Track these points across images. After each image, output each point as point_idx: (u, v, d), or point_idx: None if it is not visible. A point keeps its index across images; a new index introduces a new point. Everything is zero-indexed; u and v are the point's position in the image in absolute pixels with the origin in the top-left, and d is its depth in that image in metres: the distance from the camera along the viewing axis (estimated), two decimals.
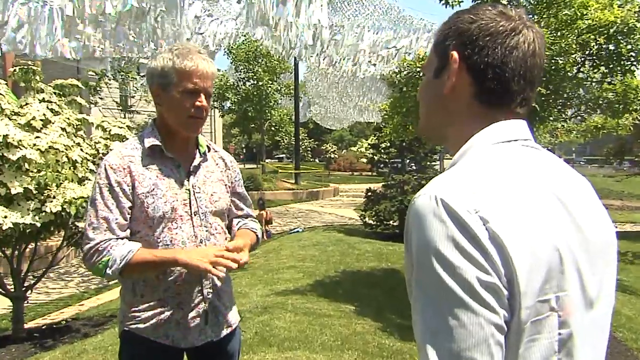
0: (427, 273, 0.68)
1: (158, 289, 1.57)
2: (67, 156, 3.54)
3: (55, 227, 3.87)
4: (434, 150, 11.87)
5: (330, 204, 19.06)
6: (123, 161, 1.55)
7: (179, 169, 1.62)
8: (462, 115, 0.82)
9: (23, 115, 3.66)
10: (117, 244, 1.49)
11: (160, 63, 1.55)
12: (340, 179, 30.45)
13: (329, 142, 45.03)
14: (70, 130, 3.84)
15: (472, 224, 0.67)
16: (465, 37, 0.80)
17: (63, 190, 3.45)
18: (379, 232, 10.95)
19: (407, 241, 0.75)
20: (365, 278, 6.28)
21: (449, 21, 0.84)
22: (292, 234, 10.86)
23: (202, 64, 1.55)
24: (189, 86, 1.54)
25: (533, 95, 0.83)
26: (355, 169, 37.38)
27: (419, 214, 0.71)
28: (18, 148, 3.25)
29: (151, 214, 1.53)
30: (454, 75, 0.81)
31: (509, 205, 0.70)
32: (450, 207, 0.68)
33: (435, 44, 0.87)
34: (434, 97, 0.86)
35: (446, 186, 0.72)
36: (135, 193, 1.53)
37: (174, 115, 1.58)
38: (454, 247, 0.66)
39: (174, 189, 1.58)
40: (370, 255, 7.57)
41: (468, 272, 0.66)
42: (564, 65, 4.41)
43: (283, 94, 26.90)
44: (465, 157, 0.79)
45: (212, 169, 1.71)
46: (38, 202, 3.45)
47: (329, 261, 7.17)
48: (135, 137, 1.65)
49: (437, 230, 0.68)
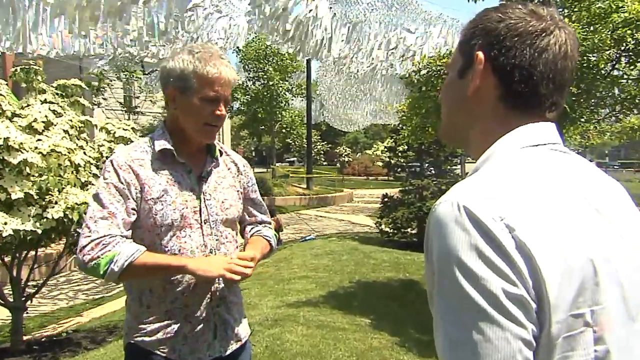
0: (449, 284, 0.68)
1: (165, 300, 1.58)
2: (70, 160, 3.60)
3: (56, 234, 3.92)
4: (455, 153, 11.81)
5: (344, 210, 19.01)
6: (133, 164, 1.55)
7: (189, 174, 1.62)
8: (487, 119, 0.82)
9: (24, 117, 3.73)
10: (124, 242, 1.48)
11: (180, 65, 1.55)
12: (355, 184, 30.38)
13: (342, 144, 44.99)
14: (73, 133, 3.90)
15: (497, 232, 0.67)
16: (492, 37, 0.80)
17: (65, 196, 3.50)
18: (396, 240, 10.89)
19: (427, 251, 0.75)
20: (381, 289, 6.26)
21: (476, 19, 0.84)
22: (304, 242, 10.86)
23: (224, 71, 1.55)
24: (210, 94, 1.55)
25: (563, 99, 0.82)
26: (370, 174, 37.28)
27: (440, 222, 0.71)
28: (19, 151, 3.30)
29: (159, 222, 1.53)
30: (479, 77, 0.81)
31: (537, 212, 0.70)
32: (474, 214, 0.68)
33: (460, 42, 0.87)
34: (457, 98, 0.87)
35: (469, 192, 0.72)
36: (144, 198, 1.53)
37: (190, 121, 1.58)
38: (477, 257, 0.66)
39: (184, 196, 1.58)
40: (387, 265, 7.54)
41: (493, 283, 0.65)
42: (597, 63, 4.36)
43: (294, 94, 27.01)
44: (490, 162, 0.79)
45: (223, 175, 1.71)
46: (39, 208, 3.50)
47: (343, 271, 7.15)
48: (144, 139, 1.65)
49: (460, 239, 0.68)
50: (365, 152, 44.70)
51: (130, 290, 1.63)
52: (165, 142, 1.60)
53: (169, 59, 1.61)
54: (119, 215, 1.49)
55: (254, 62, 24.46)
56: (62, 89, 4.33)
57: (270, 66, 24.19)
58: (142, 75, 15.63)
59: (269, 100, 24.79)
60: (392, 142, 14.73)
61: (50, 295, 7.22)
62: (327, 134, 46.50)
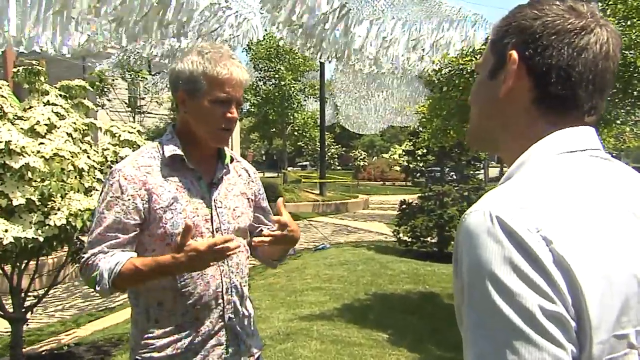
0: (481, 300, 0.67)
1: (175, 314, 1.58)
2: (73, 164, 3.63)
3: (58, 242, 3.95)
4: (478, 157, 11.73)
5: (360, 217, 18.98)
6: (139, 172, 1.56)
7: (199, 181, 1.63)
8: (520, 122, 0.81)
9: (26, 120, 3.78)
10: (106, 257, 1.51)
11: (189, 67, 1.57)
12: (371, 190, 30.32)
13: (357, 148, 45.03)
14: (76, 136, 3.94)
15: (533, 245, 0.66)
16: (527, 35, 0.79)
17: (68, 202, 3.54)
18: (415, 250, 10.85)
19: (456, 263, 0.74)
20: (399, 302, 6.23)
21: (509, 16, 0.84)
22: (317, 251, 10.85)
23: (235, 71, 1.57)
24: (221, 96, 1.56)
25: (603, 103, 0.81)
26: (387, 179, 37.25)
27: (470, 233, 0.70)
28: (21, 155, 3.34)
29: (169, 231, 1.55)
30: (512, 78, 0.80)
31: (577, 224, 0.68)
32: (508, 225, 0.67)
33: (492, 41, 0.86)
34: (487, 100, 0.86)
35: (502, 202, 0.71)
36: (152, 208, 1.54)
37: (201, 125, 1.60)
38: (511, 271, 0.65)
39: (194, 204, 1.59)
40: (406, 277, 7.52)
41: (529, 299, 0.64)
42: (634, 60, 4.30)
43: (307, 95, 27.10)
44: (524, 169, 0.78)
45: (234, 182, 1.73)
46: (41, 215, 3.53)
47: (359, 282, 7.14)
48: (152, 144, 1.67)
49: (492, 252, 0.67)
50: (381, 156, 44.69)
51: (136, 304, 1.63)
52: (175, 148, 1.61)
53: (177, 61, 1.63)
54: (114, 235, 1.52)
55: (264, 61, 24.60)
56: (66, 90, 4.39)
57: (282, 65, 24.31)
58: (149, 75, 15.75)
59: (281, 101, 24.91)
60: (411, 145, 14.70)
61: (51, 306, 7.29)
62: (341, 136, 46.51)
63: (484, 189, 12.17)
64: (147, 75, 15.53)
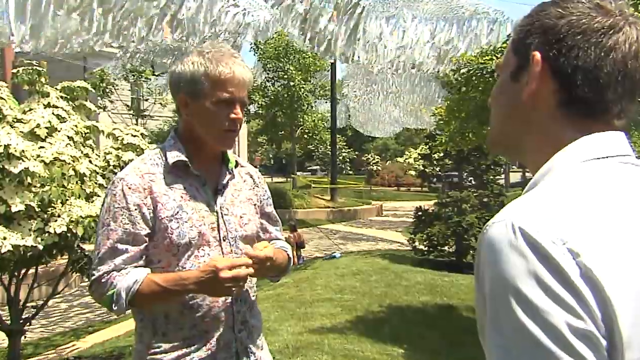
0: (504, 316, 0.67)
1: (184, 327, 1.58)
2: (74, 169, 3.66)
3: (58, 250, 3.98)
4: (498, 161, 11.67)
5: (373, 224, 18.93)
6: (143, 180, 1.56)
7: (204, 187, 1.64)
8: (544, 127, 0.81)
9: (26, 123, 3.83)
10: (121, 274, 1.52)
11: (190, 68, 1.58)
12: (385, 196, 30.29)
13: (370, 151, 44.94)
14: (77, 140, 3.98)
15: (558, 258, 0.65)
16: (551, 35, 0.79)
17: (69, 208, 3.57)
18: (432, 259, 10.83)
19: (478, 277, 0.74)
20: (415, 315, 6.20)
21: (532, 15, 0.83)
22: (328, 260, 10.85)
23: (238, 70, 1.57)
24: (224, 96, 1.57)
25: (633, 105, 0.80)
26: (402, 184, 37.18)
27: (493, 246, 0.70)
28: (20, 160, 3.38)
29: (176, 241, 1.55)
30: (536, 80, 0.79)
31: (606, 235, 0.68)
32: (532, 237, 0.67)
33: (513, 41, 0.86)
34: (509, 103, 0.85)
35: (526, 212, 0.70)
36: (158, 217, 1.55)
37: (205, 127, 1.61)
38: (536, 285, 0.65)
39: (200, 211, 1.60)
40: (422, 288, 7.49)
41: (555, 315, 0.64)
42: None
43: (318, 96, 27.13)
44: (549, 177, 0.77)
45: (239, 187, 1.73)
46: (41, 222, 3.57)
47: (372, 294, 7.13)
48: (154, 151, 1.67)
49: (516, 265, 0.67)
50: (396, 160, 44.59)
51: (141, 317, 1.63)
52: (179, 153, 1.61)
53: (178, 63, 1.64)
54: (124, 249, 1.53)
55: (273, 61, 24.63)
56: (68, 91, 4.43)
57: (291, 65, 24.31)
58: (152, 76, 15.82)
59: (290, 102, 24.93)
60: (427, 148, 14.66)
61: (50, 316, 7.35)
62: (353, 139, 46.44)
63: (505, 195, 12.12)
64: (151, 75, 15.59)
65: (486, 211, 10.79)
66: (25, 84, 4.26)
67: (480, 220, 10.50)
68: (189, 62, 1.59)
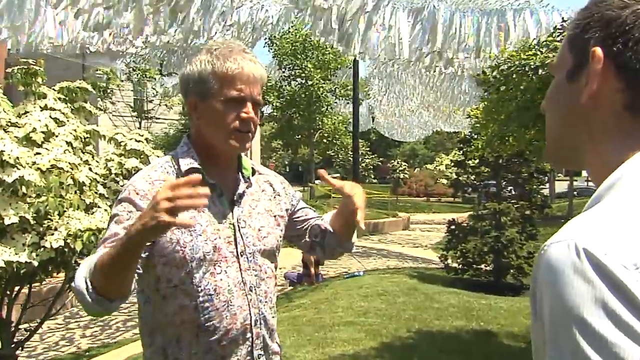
0: (567, 348, 0.66)
1: (198, 352, 1.58)
2: (73, 177, 3.70)
3: (54, 267, 4.02)
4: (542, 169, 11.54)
5: (400, 239, 18.85)
6: (153, 187, 1.58)
7: (220, 198, 1.66)
8: (609, 133, 0.79)
9: (21, 127, 3.88)
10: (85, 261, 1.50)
11: (197, 67, 1.61)
12: (412, 207, 30.15)
13: (397, 158, 44.88)
14: (77, 145, 4.03)
15: (631, 285, 0.64)
16: (614, 27, 0.77)
17: (67, 221, 3.60)
18: (467, 279, 10.74)
19: (535, 304, 0.72)
20: (448, 342, 6.15)
21: (590, 6, 0.82)
22: (350, 278, 10.81)
23: (247, 65, 1.60)
24: (232, 93, 1.59)
25: None
26: (432, 194, 37.00)
27: (553, 269, 0.68)
28: (15, 167, 3.42)
29: (189, 256, 1.56)
30: (597, 79, 0.78)
31: None
32: (599, 260, 0.65)
33: (570, 37, 0.85)
34: (567, 106, 0.84)
35: (590, 231, 0.69)
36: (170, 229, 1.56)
37: (214, 130, 1.63)
38: (605, 316, 0.63)
39: (214, 224, 1.61)
40: (456, 311, 7.43)
41: (627, 350, 0.62)
42: None
43: (338, 96, 27.19)
44: (616, 190, 0.75)
45: (257, 197, 1.75)
46: (36, 235, 3.61)
47: (400, 317, 7.08)
48: (165, 158, 1.70)
49: (581, 292, 0.65)
50: (425, 167, 44.43)
51: (150, 342, 1.64)
52: (192, 160, 1.64)
53: (187, 64, 1.68)
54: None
55: (289, 58, 24.76)
56: (67, 92, 4.49)
57: (309, 62, 24.44)
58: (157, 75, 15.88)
59: (308, 103, 25.05)
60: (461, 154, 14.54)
61: (45, 340, 7.42)
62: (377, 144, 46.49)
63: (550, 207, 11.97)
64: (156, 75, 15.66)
65: (528, 225, 10.67)
66: (20, 84, 4.32)
67: (522, 235, 10.39)
68: (197, 61, 1.63)
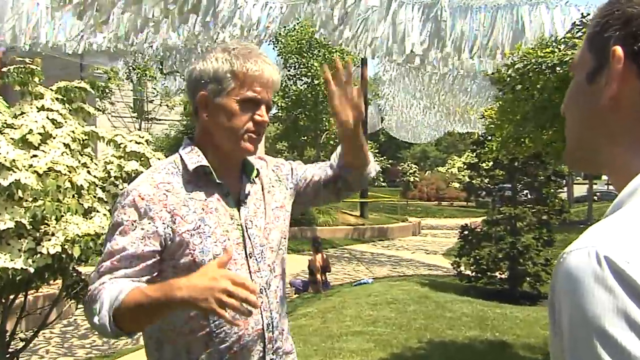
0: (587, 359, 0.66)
1: None
2: (71, 181, 3.70)
3: (51, 274, 4.02)
4: (560, 172, 11.49)
5: (410, 245, 18.82)
6: (158, 190, 1.59)
7: (227, 198, 1.68)
8: (630, 136, 0.79)
9: (17, 128, 3.89)
10: (110, 284, 1.49)
11: (213, 65, 1.63)
12: (423, 211, 30.13)
13: (407, 160, 44.83)
14: (75, 147, 4.03)
15: None
16: (635, 26, 0.78)
17: (64, 225, 3.61)
18: (480, 287, 10.72)
19: (554, 313, 0.73)
20: (461, 353, 6.14)
21: (610, 4, 0.82)
22: (358, 286, 10.80)
23: (267, 69, 1.64)
24: (250, 94, 1.62)
25: None
26: (443, 197, 36.97)
27: (572, 277, 0.69)
28: (11, 170, 3.43)
29: (199, 258, 1.57)
30: (618, 79, 0.78)
31: None
32: (621, 268, 0.65)
33: (589, 36, 0.85)
34: (587, 108, 0.84)
35: (612, 238, 0.69)
36: (177, 232, 1.57)
37: (225, 129, 1.65)
38: (627, 327, 0.64)
39: (223, 225, 1.64)
40: (469, 321, 7.42)
41: None
42: None
43: None
44: (638, 196, 0.76)
45: (259, 196, 1.79)
46: (32, 241, 3.61)
47: (410, 327, 7.08)
48: (169, 159, 1.72)
49: (602, 302, 0.65)
50: (436, 170, 44.34)
51: (159, 356, 1.64)
52: (200, 159, 1.66)
53: (199, 60, 1.70)
54: (129, 262, 1.53)
55: (295, 56, 24.78)
56: (64, 92, 4.50)
57: (316, 61, 24.41)
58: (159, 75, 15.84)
59: (314, 103, 25.02)
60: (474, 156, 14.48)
61: (41, 350, 7.44)
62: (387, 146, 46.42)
63: (568, 212, 11.90)
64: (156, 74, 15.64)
65: (546, 231, 10.61)
66: (16, 84, 4.33)
67: (538, 241, 10.34)
68: (212, 58, 1.64)
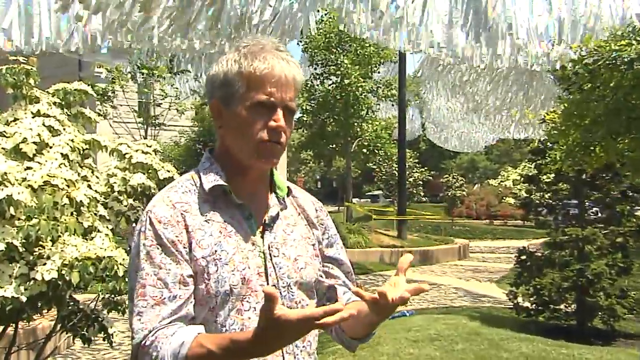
0: None
1: None
2: (69, 196, 3.72)
3: (45, 303, 4.03)
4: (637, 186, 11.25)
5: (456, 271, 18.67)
6: (175, 211, 1.62)
7: (249, 220, 1.69)
8: None
9: (10, 136, 3.93)
10: (166, 336, 1.51)
11: (223, 68, 1.66)
12: (471, 231, 29.89)
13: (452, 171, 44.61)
14: (74, 158, 4.05)
15: None
16: None
17: (61, 248, 3.62)
18: (542, 322, 10.56)
19: None
20: None
21: None
22: (396, 319, 10.73)
23: (279, 65, 1.63)
24: (260, 98, 1.62)
25: None
26: (495, 215, 36.61)
27: None
28: (2, 185, 3.46)
29: (213, 289, 1.58)
30: None
31: None
32: None
33: None
34: None
35: None
36: (193, 258, 1.59)
37: (239, 140, 1.66)
38: None
39: (243, 251, 1.64)
40: None
41: None
42: None
43: (381, 97, 27.12)
44: None
45: (293, 222, 1.78)
46: (25, 265, 3.63)
47: None
48: (186, 176, 1.73)
49: None
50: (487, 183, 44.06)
51: None
52: (217, 177, 1.67)
53: (214, 64, 1.73)
54: (167, 297, 1.55)
55: (322, 52, 24.80)
56: (63, 96, 4.54)
57: (346, 57, 24.41)
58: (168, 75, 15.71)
59: (344, 106, 24.99)
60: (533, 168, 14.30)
61: None
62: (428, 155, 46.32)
63: None
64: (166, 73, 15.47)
65: (621, 256, 10.36)
66: (9, 86, 4.36)
67: (612, 269, 10.09)
68: (223, 60, 1.67)
